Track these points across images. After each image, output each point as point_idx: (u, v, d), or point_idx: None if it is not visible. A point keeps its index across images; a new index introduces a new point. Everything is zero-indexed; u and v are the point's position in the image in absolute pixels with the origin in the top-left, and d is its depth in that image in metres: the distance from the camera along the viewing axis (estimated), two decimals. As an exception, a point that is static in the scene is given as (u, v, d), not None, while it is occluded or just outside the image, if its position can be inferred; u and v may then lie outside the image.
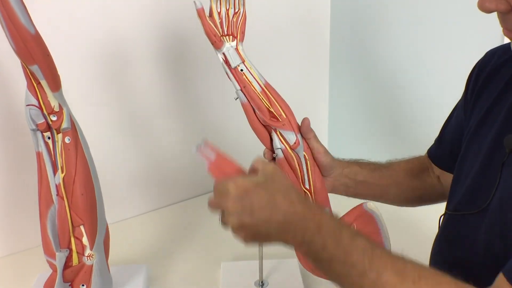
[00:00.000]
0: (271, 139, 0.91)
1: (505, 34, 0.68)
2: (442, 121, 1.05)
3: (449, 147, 1.00)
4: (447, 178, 1.02)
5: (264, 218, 0.64)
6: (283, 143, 0.89)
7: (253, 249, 1.25)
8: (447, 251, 0.86)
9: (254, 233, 0.66)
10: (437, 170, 1.05)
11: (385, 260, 0.62)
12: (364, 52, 1.71)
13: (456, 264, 0.82)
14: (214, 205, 0.71)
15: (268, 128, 0.91)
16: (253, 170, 0.72)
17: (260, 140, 0.92)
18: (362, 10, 1.68)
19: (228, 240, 1.33)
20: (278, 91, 0.93)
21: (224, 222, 0.69)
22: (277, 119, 0.89)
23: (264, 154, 0.93)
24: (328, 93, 1.88)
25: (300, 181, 0.90)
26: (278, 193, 0.66)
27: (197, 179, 1.62)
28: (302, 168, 0.90)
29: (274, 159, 0.92)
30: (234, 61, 0.89)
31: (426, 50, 1.50)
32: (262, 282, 1.13)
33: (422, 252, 0.99)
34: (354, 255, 0.62)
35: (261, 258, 1.11)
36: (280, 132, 0.89)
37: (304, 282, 1.13)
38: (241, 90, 0.89)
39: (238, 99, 0.89)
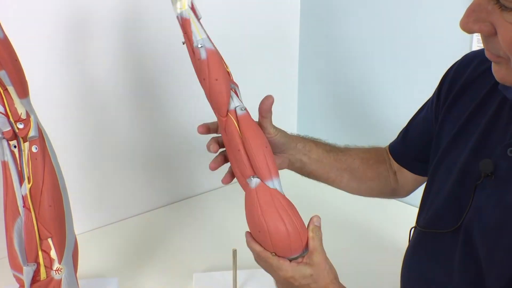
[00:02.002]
0: None
1: (488, 56, 0.64)
2: (408, 112, 1.04)
3: (412, 147, 1.00)
4: (405, 175, 1.03)
5: None
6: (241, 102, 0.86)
7: (225, 259, 1.24)
8: (419, 268, 0.85)
9: None
10: (396, 166, 1.05)
11: None
12: (333, 41, 1.74)
13: (429, 282, 0.81)
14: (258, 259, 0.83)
15: None
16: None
17: (220, 97, 0.84)
18: (331, 5, 1.70)
19: (200, 251, 1.32)
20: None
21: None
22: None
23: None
24: (297, 79, 1.91)
25: None
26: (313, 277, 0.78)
27: (168, 187, 1.59)
28: None
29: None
30: (199, 13, 0.86)
31: (396, 43, 1.54)
32: (236, 293, 1.11)
33: (392, 264, 0.99)
34: None
35: (235, 269, 1.09)
36: (237, 92, 0.87)
37: (278, 292, 1.12)
38: (208, 38, 0.85)
39: (202, 47, 0.82)
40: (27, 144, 0.90)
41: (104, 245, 1.36)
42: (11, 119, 0.87)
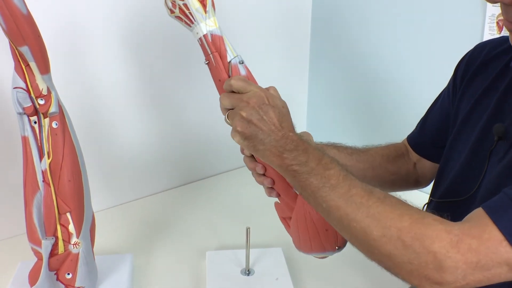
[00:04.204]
0: None
1: (506, 26, 0.70)
2: (419, 109, 1.07)
3: (431, 135, 1.02)
4: (424, 165, 1.05)
5: (268, 128, 0.73)
6: None
7: (237, 238, 1.26)
8: None
9: (252, 132, 0.74)
10: (415, 157, 1.07)
11: (356, 181, 0.70)
12: (344, 39, 1.74)
13: None
14: (235, 98, 0.77)
15: None
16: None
17: None
18: (342, 2, 1.70)
19: (213, 230, 1.34)
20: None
21: (232, 114, 0.76)
22: None
23: None
24: (308, 78, 1.91)
25: None
26: (285, 117, 0.76)
27: (182, 168, 1.62)
28: None
29: None
30: None
31: (406, 39, 1.54)
32: (248, 270, 1.13)
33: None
34: (331, 170, 0.70)
35: (248, 247, 1.11)
36: None
37: (289, 270, 1.14)
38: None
39: (242, 64, 0.84)
40: (47, 120, 0.92)
41: (119, 223, 1.38)
42: (32, 94, 0.89)
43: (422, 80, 1.51)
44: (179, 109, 1.55)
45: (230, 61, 0.82)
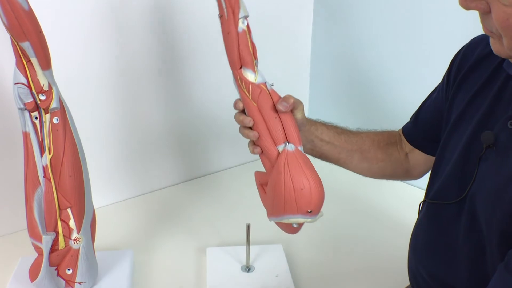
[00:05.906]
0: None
1: (484, 31, 0.70)
2: (417, 102, 1.07)
3: (423, 127, 1.02)
4: (416, 156, 1.05)
5: None
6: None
7: (238, 235, 1.26)
8: (426, 236, 0.89)
9: None
10: (408, 147, 1.07)
11: None
12: (345, 38, 1.74)
13: (435, 250, 0.85)
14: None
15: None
16: None
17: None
18: (345, 1, 1.70)
19: (214, 226, 1.35)
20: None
21: None
22: None
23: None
24: (309, 78, 1.91)
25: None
26: None
27: (183, 165, 1.61)
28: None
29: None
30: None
31: (407, 38, 1.54)
32: (248, 266, 1.13)
33: (402, 238, 1.03)
34: None
35: (248, 243, 1.11)
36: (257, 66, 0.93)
37: (289, 266, 1.14)
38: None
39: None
40: (48, 115, 0.92)
41: (120, 219, 1.38)
42: (33, 90, 0.89)
43: (423, 78, 1.51)
44: (180, 106, 1.55)
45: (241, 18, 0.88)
